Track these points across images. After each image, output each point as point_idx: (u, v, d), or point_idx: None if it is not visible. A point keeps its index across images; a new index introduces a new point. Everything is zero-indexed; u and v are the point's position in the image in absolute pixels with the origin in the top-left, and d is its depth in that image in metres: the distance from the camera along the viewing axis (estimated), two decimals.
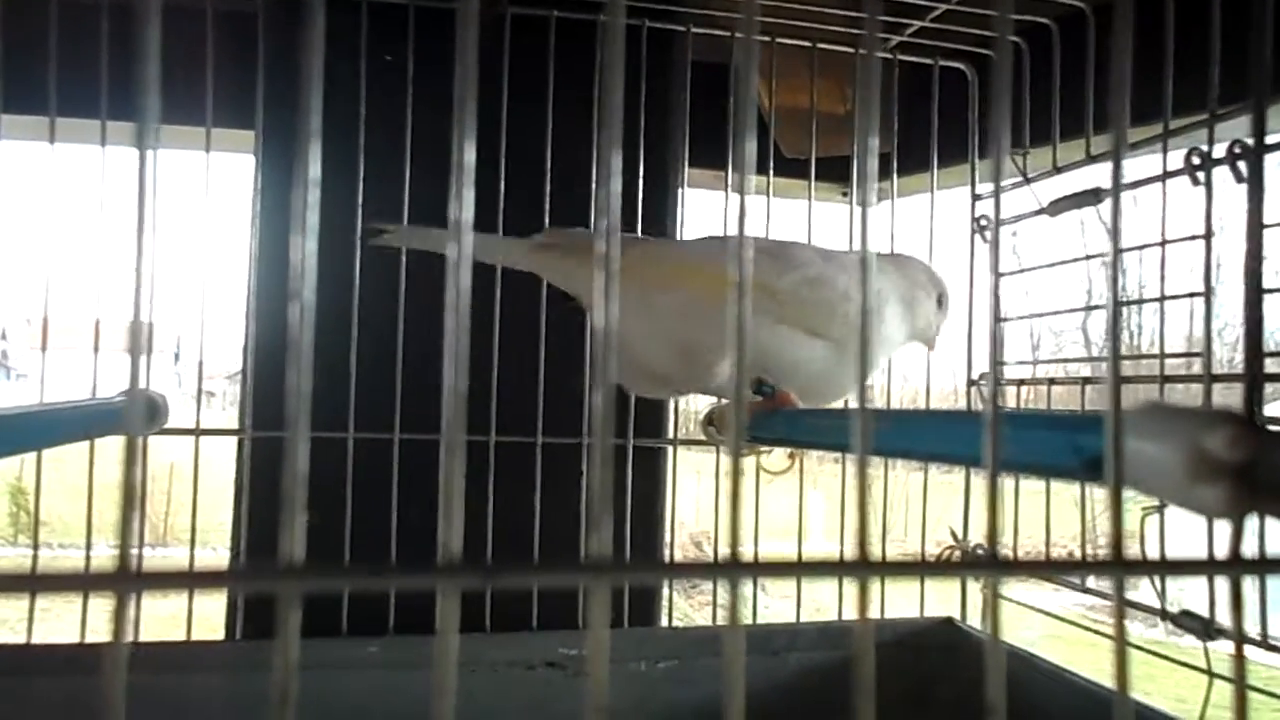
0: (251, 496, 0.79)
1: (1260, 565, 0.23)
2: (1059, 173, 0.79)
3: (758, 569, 0.22)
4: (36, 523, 0.75)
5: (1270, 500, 0.23)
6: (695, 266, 0.66)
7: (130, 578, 0.18)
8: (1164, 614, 0.61)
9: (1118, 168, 0.23)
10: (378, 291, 0.78)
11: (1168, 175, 0.63)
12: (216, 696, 0.68)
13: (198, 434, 0.78)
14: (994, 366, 0.25)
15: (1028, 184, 0.80)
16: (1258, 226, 0.47)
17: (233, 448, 0.80)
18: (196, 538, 0.80)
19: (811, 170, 0.87)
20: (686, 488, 0.91)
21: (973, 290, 0.88)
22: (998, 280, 0.55)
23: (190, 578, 0.20)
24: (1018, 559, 0.23)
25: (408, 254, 0.78)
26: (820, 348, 0.66)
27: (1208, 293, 0.60)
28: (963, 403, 0.90)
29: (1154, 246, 0.65)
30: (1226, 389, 0.61)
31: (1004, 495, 0.22)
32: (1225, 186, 0.59)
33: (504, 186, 0.78)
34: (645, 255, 0.69)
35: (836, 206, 0.94)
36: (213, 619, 0.79)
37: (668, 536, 0.88)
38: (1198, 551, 0.54)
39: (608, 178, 0.21)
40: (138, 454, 0.18)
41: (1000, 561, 0.22)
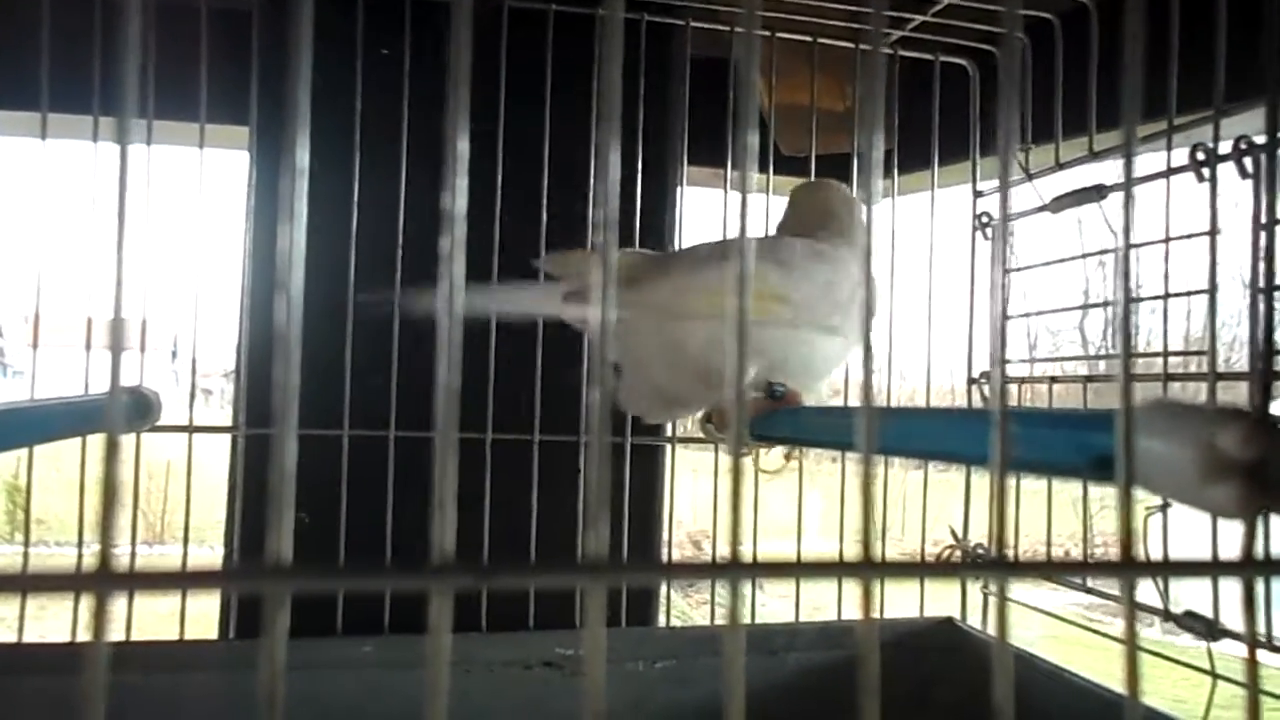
0: (245, 494, 0.78)
1: (1272, 567, 0.23)
2: (1061, 169, 0.78)
3: (758, 570, 0.21)
4: (28, 520, 0.75)
5: None
6: (720, 291, 0.65)
7: (110, 578, 0.17)
8: (1167, 614, 0.60)
9: (1129, 161, 0.23)
10: (373, 287, 0.78)
11: (1172, 171, 0.63)
12: (210, 696, 0.67)
13: (190, 431, 0.77)
14: (999, 364, 0.25)
15: (1030, 180, 0.80)
16: (1270, 223, 0.46)
17: (228, 445, 0.80)
18: (194, 536, 0.80)
19: (811, 168, 0.86)
20: (684, 486, 0.91)
21: (974, 288, 0.87)
22: (1005, 276, 0.55)
23: (175, 578, 0.20)
24: (1019, 560, 0.22)
25: (403, 249, 0.77)
26: (839, 343, 0.66)
27: (1212, 290, 0.60)
28: (962, 401, 0.90)
29: (1155, 244, 0.65)
30: (1226, 388, 0.61)
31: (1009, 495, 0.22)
32: (1224, 185, 0.59)
33: (501, 181, 0.78)
34: (675, 289, 0.65)
35: None
36: (210, 616, 0.79)
37: (666, 535, 0.88)
38: (1199, 551, 0.54)
39: (606, 173, 0.21)
40: (118, 451, 0.18)
41: (1007, 563, 0.22)
